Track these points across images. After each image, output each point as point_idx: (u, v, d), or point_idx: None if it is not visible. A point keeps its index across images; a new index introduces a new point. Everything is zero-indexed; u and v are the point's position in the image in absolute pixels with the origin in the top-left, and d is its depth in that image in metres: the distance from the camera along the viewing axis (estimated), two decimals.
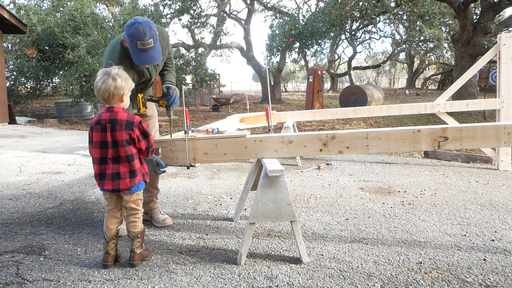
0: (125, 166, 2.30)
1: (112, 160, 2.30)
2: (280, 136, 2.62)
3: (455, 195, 3.99)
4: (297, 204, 3.69)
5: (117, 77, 2.25)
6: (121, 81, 2.26)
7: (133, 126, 2.29)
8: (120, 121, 2.27)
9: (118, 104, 2.32)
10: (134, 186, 2.34)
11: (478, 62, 5.29)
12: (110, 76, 2.24)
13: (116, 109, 2.30)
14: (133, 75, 2.66)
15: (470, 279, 2.28)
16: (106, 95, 2.25)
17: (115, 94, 2.26)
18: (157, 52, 2.54)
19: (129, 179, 2.31)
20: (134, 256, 2.40)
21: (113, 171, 2.30)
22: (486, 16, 11.27)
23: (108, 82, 2.23)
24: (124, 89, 2.29)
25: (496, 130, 2.53)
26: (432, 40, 24.59)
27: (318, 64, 29.27)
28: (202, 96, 18.93)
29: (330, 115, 5.88)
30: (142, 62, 2.53)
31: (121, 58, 2.61)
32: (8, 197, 3.89)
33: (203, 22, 14.51)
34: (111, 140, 2.28)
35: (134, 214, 2.41)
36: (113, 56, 2.64)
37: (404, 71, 42.53)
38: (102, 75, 2.26)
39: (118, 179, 2.30)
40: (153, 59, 2.54)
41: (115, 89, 2.24)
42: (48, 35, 13.19)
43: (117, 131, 2.26)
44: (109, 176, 2.30)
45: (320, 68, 15.20)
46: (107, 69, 2.29)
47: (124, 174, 2.31)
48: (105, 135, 2.28)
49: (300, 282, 2.25)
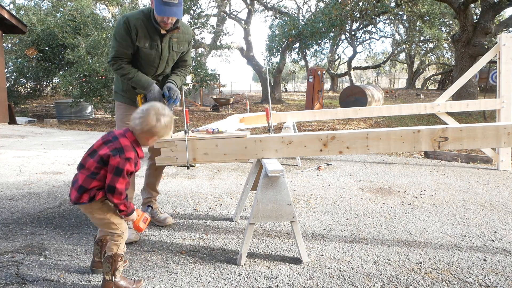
0: (82, 177, 2.03)
1: (79, 166, 2.09)
2: (280, 136, 2.62)
3: (455, 195, 3.98)
4: (297, 204, 3.69)
5: (162, 117, 2.05)
6: (163, 124, 2.06)
7: (119, 154, 1.99)
8: (116, 142, 2.04)
9: (143, 142, 2.10)
10: (81, 202, 2.04)
11: (478, 62, 5.29)
12: (159, 115, 2.04)
13: (128, 135, 2.07)
14: (145, 42, 2.73)
15: (470, 279, 2.28)
16: (140, 125, 2.05)
17: (143, 127, 2.04)
18: (179, 10, 2.62)
19: (77, 192, 2.03)
20: (102, 284, 2.11)
21: (74, 178, 2.10)
22: (486, 17, 11.27)
23: (151, 118, 2.03)
24: (159, 132, 2.08)
25: (496, 130, 2.53)
26: (432, 40, 24.58)
27: (318, 64, 29.28)
28: (202, 96, 18.93)
29: (330, 115, 5.88)
30: (163, 13, 2.58)
31: (126, 33, 2.68)
32: (8, 197, 3.89)
33: (203, 22, 14.49)
34: (95, 146, 2.09)
35: (111, 234, 2.12)
36: (116, 34, 2.72)
37: (404, 71, 42.54)
38: (156, 109, 2.06)
39: (72, 187, 2.08)
40: (174, 14, 2.61)
41: (152, 127, 2.04)
42: (48, 36, 13.19)
43: (106, 145, 2.05)
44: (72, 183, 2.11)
45: (320, 68, 15.20)
46: (162, 110, 2.08)
47: (77, 183, 2.05)
48: (98, 140, 2.13)
49: (300, 282, 2.25)
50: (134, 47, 2.74)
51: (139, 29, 2.68)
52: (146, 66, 2.84)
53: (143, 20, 2.70)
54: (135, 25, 2.67)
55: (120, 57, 2.74)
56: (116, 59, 2.75)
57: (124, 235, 2.13)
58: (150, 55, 2.79)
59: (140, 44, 2.72)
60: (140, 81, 2.78)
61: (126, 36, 2.68)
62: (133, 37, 2.69)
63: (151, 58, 2.81)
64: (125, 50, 2.72)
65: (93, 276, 2.31)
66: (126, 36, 2.68)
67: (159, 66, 2.89)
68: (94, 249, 2.29)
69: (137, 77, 2.77)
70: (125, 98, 2.95)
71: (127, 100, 2.94)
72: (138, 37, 2.70)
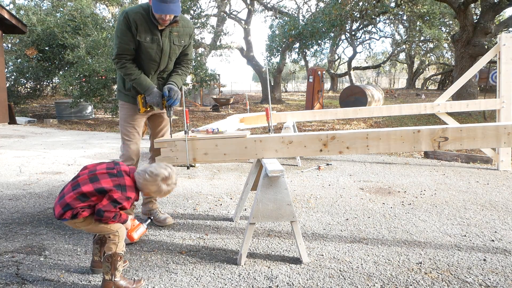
0: (72, 196, 2.01)
1: (72, 186, 2.06)
2: (280, 136, 2.62)
3: (455, 195, 3.98)
4: (297, 204, 3.69)
5: (163, 186, 2.16)
6: (162, 191, 2.16)
7: (121, 191, 2.04)
8: (121, 179, 2.08)
9: (142, 188, 2.15)
10: (63, 218, 2.03)
11: (478, 63, 5.29)
12: (165, 180, 2.15)
13: (132, 177, 2.14)
14: (146, 36, 2.73)
15: (470, 279, 2.28)
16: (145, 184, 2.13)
17: (146, 184, 2.12)
18: (176, 6, 2.62)
19: (61, 208, 2.01)
20: (102, 284, 2.12)
21: (63, 191, 2.09)
22: (486, 17, 11.27)
23: (158, 178, 2.13)
24: (153, 194, 2.17)
25: (496, 130, 2.53)
26: (432, 40, 24.57)
27: (318, 64, 29.28)
28: (202, 96, 18.93)
29: (330, 115, 5.87)
30: (160, 10, 2.59)
31: (126, 27, 2.69)
32: (8, 197, 3.89)
33: (203, 23, 14.48)
34: (97, 172, 2.09)
35: (107, 234, 2.13)
36: (117, 31, 2.73)
37: (404, 71, 42.53)
38: (163, 177, 2.15)
39: (58, 201, 2.06)
40: (171, 11, 2.61)
41: (151, 183, 2.12)
42: (48, 36, 13.20)
43: (110, 177, 2.07)
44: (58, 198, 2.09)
45: (320, 68, 15.19)
46: (168, 181, 2.18)
47: (63, 200, 2.03)
48: (102, 165, 2.14)
49: (300, 282, 2.25)
50: (136, 42, 2.74)
51: (138, 23, 2.69)
52: (148, 61, 2.84)
53: (142, 14, 2.70)
54: (134, 19, 2.68)
55: (123, 54, 2.75)
56: (120, 56, 2.76)
57: (120, 233, 2.12)
58: (152, 49, 2.79)
59: (141, 39, 2.72)
60: (141, 83, 2.80)
61: (126, 31, 2.69)
62: (133, 31, 2.70)
63: (152, 53, 2.81)
64: (126, 45, 2.73)
65: (93, 276, 2.31)
66: (127, 31, 2.69)
67: (161, 61, 2.88)
68: (93, 248, 2.29)
69: (139, 79, 2.79)
70: (129, 97, 2.95)
71: (131, 99, 2.94)
72: (138, 31, 2.70)
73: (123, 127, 2.98)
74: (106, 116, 13.22)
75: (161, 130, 3.16)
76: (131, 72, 2.78)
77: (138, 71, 2.80)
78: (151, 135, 3.22)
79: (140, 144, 3.04)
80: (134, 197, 2.13)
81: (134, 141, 2.97)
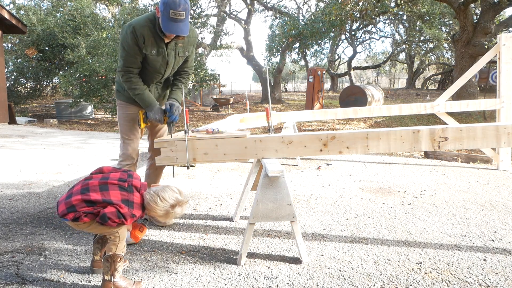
0: (78, 199, 2.02)
1: (82, 188, 2.07)
2: (280, 136, 2.62)
3: (455, 195, 3.98)
4: (297, 204, 3.69)
5: (170, 214, 2.17)
6: (169, 214, 2.16)
7: (128, 207, 2.04)
8: (131, 195, 2.09)
9: (148, 209, 2.15)
10: (66, 218, 2.03)
11: (478, 62, 5.28)
12: (171, 206, 2.14)
13: (141, 194, 2.16)
14: (152, 49, 2.72)
15: (470, 279, 2.28)
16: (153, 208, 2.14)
17: (155, 208, 2.13)
18: (185, 26, 2.61)
19: (65, 208, 2.02)
20: (101, 284, 2.13)
21: (71, 190, 2.11)
22: (486, 16, 11.27)
23: (165, 204, 2.13)
24: (156, 210, 2.15)
25: (496, 130, 2.53)
26: (432, 40, 24.58)
27: (318, 64, 29.31)
28: (202, 96, 18.93)
29: (330, 115, 5.87)
30: (169, 30, 2.58)
31: (133, 42, 2.66)
32: (8, 197, 3.89)
33: (203, 22, 14.49)
34: (109, 181, 2.09)
35: (109, 238, 2.12)
36: (124, 43, 2.71)
37: (404, 71, 42.53)
38: (173, 205, 2.15)
39: (64, 199, 2.07)
40: (181, 31, 2.61)
41: (160, 208, 2.13)
42: (48, 35, 13.20)
43: (119, 190, 2.07)
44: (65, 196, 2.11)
45: (320, 68, 15.20)
46: (175, 208, 2.17)
47: (69, 201, 2.04)
48: (116, 174, 2.15)
49: (300, 282, 2.25)
50: (142, 55, 2.74)
51: (146, 37, 2.67)
52: (153, 72, 2.85)
53: (149, 27, 2.68)
54: (142, 34, 2.66)
55: (129, 67, 2.75)
56: (126, 69, 2.76)
57: (121, 234, 2.11)
58: (157, 62, 2.79)
59: (147, 52, 2.72)
60: (144, 100, 2.81)
61: (133, 45, 2.67)
62: (140, 45, 2.68)
63: (157, 65, 2.82)
64: (133, 58, 2.73)
65: (93, 276, 2.31)
66: (134, 45, 2.67)
67: (165, 72, 2.91)
68: (94, 248, 2.29)
69: (142, 95, 2.80)
70: (128, 98, 2.95)
71: (130, 99, 2.94)
72: (145, 45, 2.69)
73: (123, 126, 2.98)
74: (106, 116, 13.22)
75: (159, 130, 3.17)
76: (136, 87, 2.79)
77: (142, 87, 2.81)
78: (149, 135, 3.23)
79: (138, 142, 3.04)
80: (139, 215, 2.12)
81: (134, 140, 2.97)
